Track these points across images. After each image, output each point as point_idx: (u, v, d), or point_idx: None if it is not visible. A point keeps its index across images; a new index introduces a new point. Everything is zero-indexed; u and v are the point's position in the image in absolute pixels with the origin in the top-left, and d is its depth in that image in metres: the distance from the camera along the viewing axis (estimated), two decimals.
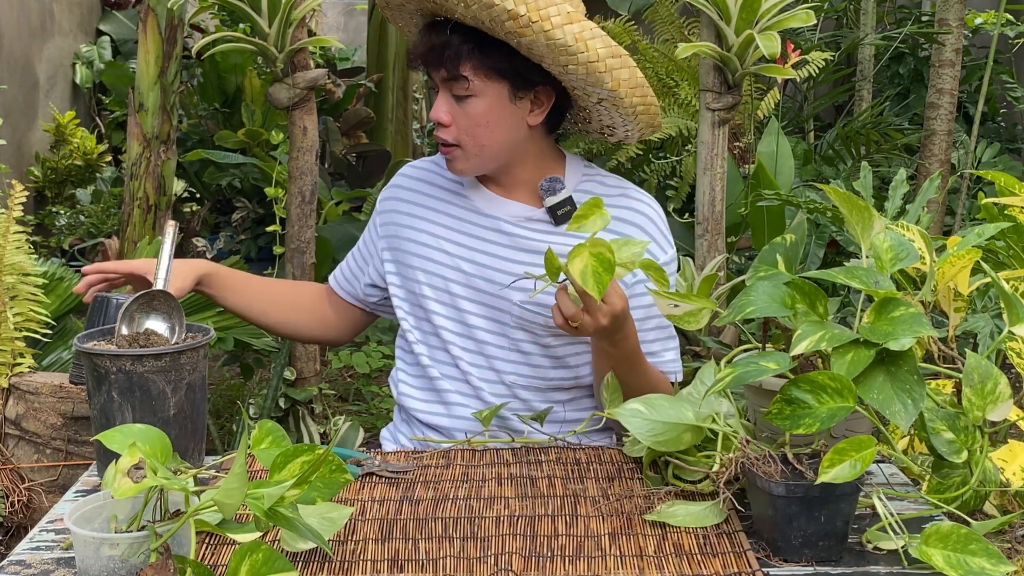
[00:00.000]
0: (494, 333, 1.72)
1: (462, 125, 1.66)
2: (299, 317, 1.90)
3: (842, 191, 1.33)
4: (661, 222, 1.76)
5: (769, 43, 2.20)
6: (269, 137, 4.24)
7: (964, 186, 4.32)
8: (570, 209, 1.69)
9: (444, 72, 1.64)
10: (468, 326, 1.72)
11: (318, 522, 1.18)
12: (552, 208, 1.70)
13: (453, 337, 1.73)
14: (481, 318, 1.71)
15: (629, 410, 1.33)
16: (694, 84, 3.81)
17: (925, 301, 1.34)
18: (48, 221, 5.11)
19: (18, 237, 2.23)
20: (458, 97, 1.65)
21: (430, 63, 1.65)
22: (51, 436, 2.16)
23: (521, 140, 1.70)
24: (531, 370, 1.72)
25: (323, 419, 2.72)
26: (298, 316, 1.90)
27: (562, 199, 1.69)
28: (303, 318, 1.90)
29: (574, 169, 1.76)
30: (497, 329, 1.71)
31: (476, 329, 1.72)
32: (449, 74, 1.63)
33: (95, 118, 5.96)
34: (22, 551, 1.23)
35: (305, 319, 1.91)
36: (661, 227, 1.75)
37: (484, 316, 1.71)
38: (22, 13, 5.21)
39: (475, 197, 1.75)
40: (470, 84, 1.63)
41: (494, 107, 1.65)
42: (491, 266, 1.70)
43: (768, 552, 1.20)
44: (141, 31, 3.21)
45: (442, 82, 1.65)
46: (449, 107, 1.66)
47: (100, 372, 1.36)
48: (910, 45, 5.59)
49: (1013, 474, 1.30)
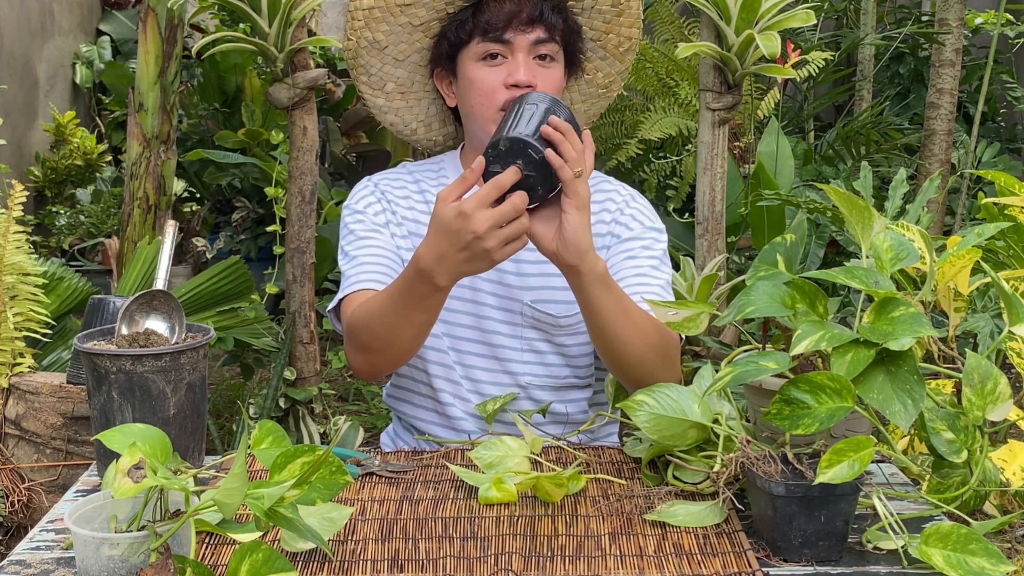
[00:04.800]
0: (507, 335, 1.72)
1: (548, 87, 1.64)
2: None
3: (842, 191, 1.34)
4: (642, 199, 1.81)
5: (769, 43, 2.20)
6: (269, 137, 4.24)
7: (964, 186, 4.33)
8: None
9: (542, 32, 1.63)
10: (484, 331, 1.72)
11: (318, 522, 1.18)
12: None
13: (470, 345, 1.73)
14: (494, 321, 1.72)
15: (635, 401, 1.34)
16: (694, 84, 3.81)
17: (925, 301, 1.34)
18: (48, 221, 5.11)
19: (18, 237, 2.23)
20: (542, 60, 1.65)
21: (522, 23, 1.62)
22: (51, 436, 2.16)
23: None
24: (544, 369, 1.72)
25: (323, 419, 2.72)
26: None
27: None
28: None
29: None
30: (510, 331, 1.72)
31: (492, 334, 1.72)
32: (548, 35, 1.64)
33: (95, 118, 5.96)
34: (22, 551, 1.23)
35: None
36: (644, 203, 1.80)
37: (497, 319, 1.72)
38: (22, 13, 5.21)
39: None
40: (559, 49, 1.66)
41: (562, 77, 1.71)
42: (498, 268, 1.71)
43: (768, 552, 1.20)
44: (141, 31, 3.21)
45: (531, 45, 1.63)
46: (533, 69, 1.64)
47: (100, 372, 1.36)
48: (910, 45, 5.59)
49: (1013, 474, 1.30)
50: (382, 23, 1.69)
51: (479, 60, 1.65)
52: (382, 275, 1.67)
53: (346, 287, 1.67)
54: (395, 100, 1.80)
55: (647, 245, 1.73)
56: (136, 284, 2.67)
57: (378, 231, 1.73)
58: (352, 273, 1.68)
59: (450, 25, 1.67)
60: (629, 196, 1.79)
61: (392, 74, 1.77)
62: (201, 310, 2.77)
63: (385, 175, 1.81)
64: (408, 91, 1.79)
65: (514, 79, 1.62)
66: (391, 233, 1.74)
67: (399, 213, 1.76)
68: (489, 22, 1.63)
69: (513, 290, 1.71)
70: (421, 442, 1.73)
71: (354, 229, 1.74)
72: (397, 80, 1.77)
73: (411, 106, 1.82)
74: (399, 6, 1.67)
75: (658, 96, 3.88)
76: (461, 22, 1.65)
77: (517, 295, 1.71)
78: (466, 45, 1.65)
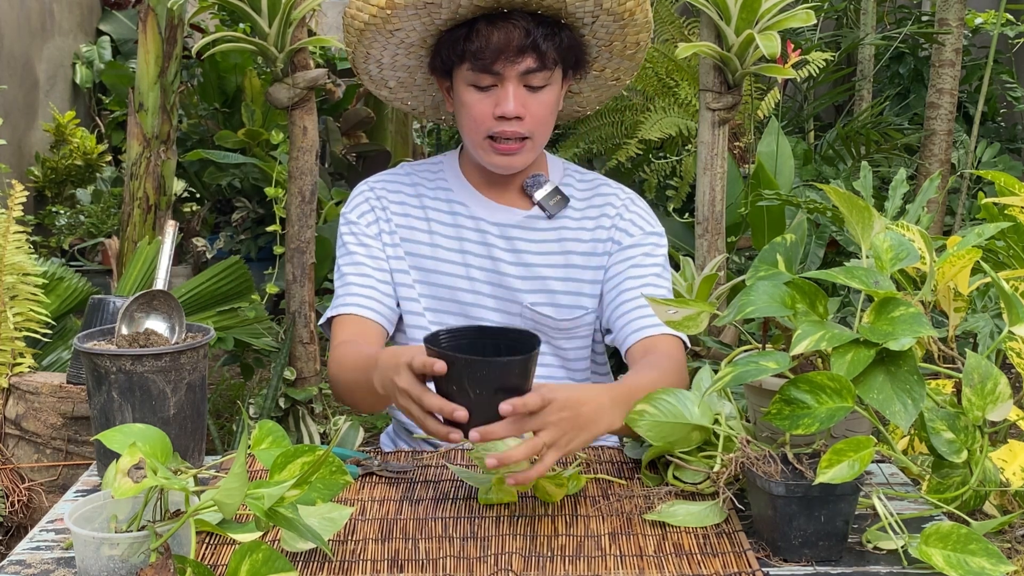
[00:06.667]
0: None
1: (537, 116, 1.63)
2: None
3: (842, 191, 1.34)
4: (643, 203, 1.80)
5: (769, 43, 2.20)
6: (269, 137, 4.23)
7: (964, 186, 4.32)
8: (560, 199, 1.74)
9: (532, 62, 1.60)
10: None
11: (318, 522, 1.18)
12: (542, 200, 1.73)
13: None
14: (497, 324, 1.72)
15: (636, 412, 1.34)
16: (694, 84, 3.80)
17: (925, 301, 1.34)
18: (48, 221, 5.11)
19: (18, 237, 2.23)
20: (532, 88, 1.62)
21: (510, 55, 1.58)
22: (51, 436, 2.16)
23: None
24: (541, 371, 1.72)
25: (323, 419, 2.72)
26: None
27: (550, 190, 1.73)
28: None
29: (555, 165, 1.81)
30: None
31: None
32: (538, 64, 1.60)
33: (95, 118, 5.96)
34: (22, 551, 1.23)
35: None
36: (643, 206, 1.79)
37: (499, 321, 1.72)
38: (22, 13, 5.21)
39: (471, 204, 1.75)
40: (552, 73, 1.63)
41: (559, 94, 1.69)
42: (497, 270, 1.71)
43: (768, 552, 1.20)
44: (141, 31, 3.21)
45: (520, 75, 1.60)
46: (522, 99, 1.62)
47: (100, 372, 1.36)
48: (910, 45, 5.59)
49: (1013, 474, 1.30)
50: (374, 42, 1.68)
51: (470, 84, 1.64)
52: (367, 299, 1.71)
53: (333, 307, 1.73)
54: (399, 93, 1.82)
55: (648, 252, 1.73)
56: (136, 284, 2.67)
57: (368, 246, 1.75)
58: (340, 294, 1.73)
59: (443, 43, 1.65)
60: (628, 200, 1.79)
61: (392, 76, 1.77)
62: (201, 310, 2.77)
63: (383, 177, 1.81)
64: (411, 86, 1.80)
65: (501, 111, 1.61)
66: (383, 243, 1.75)
67: (393, 220, 1.76)
68: (478, 51, 1.60)
69: (513, 292, 1.71)
70: (421, 442, 1.73)
71: (347, 242, 1.76)
72: (399, 79, 1.77)
73: (415, 95, 1.83)
74: (389, 31, 1.65)
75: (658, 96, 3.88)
76: (452, 43, 1.63)
77: (516, 297, 1.71)
78: (458, 66, 1.64)
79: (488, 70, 1.60)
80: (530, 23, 1.58)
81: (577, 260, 1.73)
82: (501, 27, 1.58)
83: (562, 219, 1.74)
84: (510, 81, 1.60)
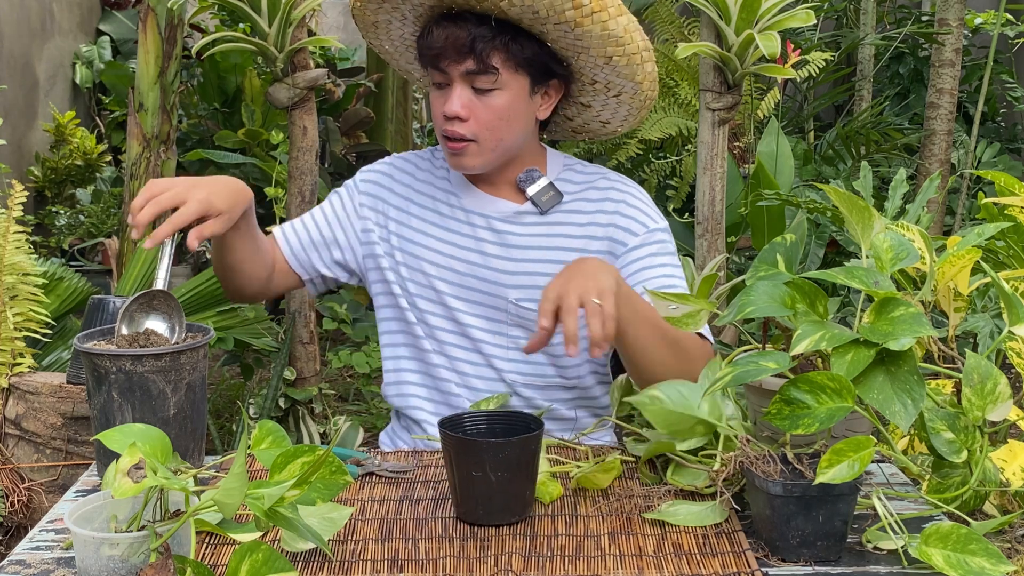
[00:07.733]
0: (490, 332, 1.72)
1: (482, 119, 1.63)
2: (265, 274, 1.76)
3: (842, 191, 1.34)
4: (644, 195, 1.79)
5: (769, 43, 2.20)
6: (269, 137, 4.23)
7: (964, 186, 4.33)
8: (553, 195, 1.73)
9: (471, 64, 1.60)
10: (460, 324, 1.73)
11: (318, 522, 1.18)
12: (535, 195, 1.72)
13: (446, 335, 1.74)
14: (474, 316, 1.72)
15: (649, 397, 1.34)
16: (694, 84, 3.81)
17: (925, 301, 1.34)
18: (48, 221, 5.10)
19: (18, 237, 2.23)
20: (479, 90, 1.62)
21: (452, 56, 1.60)
22: (51, 436, 2.16)
23: (530, 134, 1.71)
24: (531, 367, 1.72)
25: (323, 419, 2.72)
26: (265, 273, 1.75)
27: (543, 186, 1.73)
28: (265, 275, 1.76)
29: (555, 161, 1.80)
30: (493, 328, 1.72)
31: (470, 328, 1.72)
32: (478, 66, 1.60)
33: (95, 118, 5.96)
34: (22, 551, 1.23)
35: (265, 276, 1.76)
36: (644, 200, 1.78)
37: (478, 315, 1.72)
38: (22, 13, 5.21)
39: (464, 196, 1.76)
40: (498, 77, 1.61)
41: (516, 100, 1.65)
42: (485, 264, 1.71)
43: (767, 552, 1.20)
44: (141, 31, 3.21)
45: (463, 75, 1.61)
46: (467, 100, 1.63)
47: (100, 372, 1.36)
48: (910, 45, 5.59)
49: (1013, 474, 1.30)
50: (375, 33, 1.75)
51: (432, 82, 1.67)
52: (295, 235, 1.79)
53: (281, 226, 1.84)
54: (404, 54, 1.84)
55: (656, 251, 1.71)
56: (136, 284, 2.67)
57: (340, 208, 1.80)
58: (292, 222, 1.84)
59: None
60: (628, 194, 1.76)
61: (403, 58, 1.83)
62: (201, 310, 2.77)
63: (407, 157, 1.85)
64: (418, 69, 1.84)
65: (443, 110, 1.64)
66: (360, 216, 1.79)
67: (392, 201, 1.79)
68: (425, 49, 1.64)
69: (499, 287, 1.71)
70: (421, 442, 1.73)
71: (338, 192, 1.83)
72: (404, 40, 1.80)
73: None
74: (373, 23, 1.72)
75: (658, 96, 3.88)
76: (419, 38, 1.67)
77: (502, 292, 1.71)
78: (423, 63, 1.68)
79: (437, 68, 1.63)
80: (474, 25, 1.59)
81: (568, 257, 1.70)
82: (447, 27, 1.60)
83: (555, 215, 1.74)
84: (456, 81, 1.63)
